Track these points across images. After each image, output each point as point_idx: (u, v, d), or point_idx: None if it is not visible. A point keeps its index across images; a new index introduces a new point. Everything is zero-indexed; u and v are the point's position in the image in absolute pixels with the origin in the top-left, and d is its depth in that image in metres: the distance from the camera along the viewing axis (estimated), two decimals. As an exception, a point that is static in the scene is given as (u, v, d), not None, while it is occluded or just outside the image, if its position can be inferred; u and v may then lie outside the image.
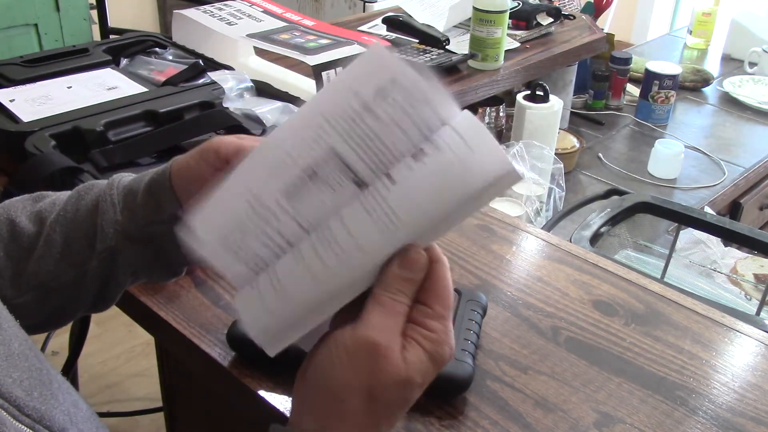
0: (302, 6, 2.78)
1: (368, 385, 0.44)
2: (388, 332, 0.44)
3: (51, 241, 0.60)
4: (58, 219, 0.60)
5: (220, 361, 0.68)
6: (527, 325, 0.75)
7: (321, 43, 1.12)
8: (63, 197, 0.63)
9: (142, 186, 0.60)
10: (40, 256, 0.60)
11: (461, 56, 1.44)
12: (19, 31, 2.31)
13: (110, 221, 0.60)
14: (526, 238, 0.90)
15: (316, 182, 0.46)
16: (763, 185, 1.72)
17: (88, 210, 0.60)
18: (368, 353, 0.44)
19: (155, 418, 1.81)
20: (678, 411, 0.65)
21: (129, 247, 0.60)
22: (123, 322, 2.15)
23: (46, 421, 0.44)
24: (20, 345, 0.46)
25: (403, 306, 0.45)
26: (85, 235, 0.60)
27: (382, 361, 0.44)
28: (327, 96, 0.48)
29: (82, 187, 0.63)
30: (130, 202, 0.60)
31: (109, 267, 0.60)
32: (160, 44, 1.24)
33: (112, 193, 0.60)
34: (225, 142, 0.56)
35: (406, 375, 0.44)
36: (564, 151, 1.58)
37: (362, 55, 0.47)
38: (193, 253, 0.50)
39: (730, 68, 2.19)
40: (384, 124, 0.45)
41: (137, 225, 0.59)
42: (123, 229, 0.59)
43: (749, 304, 1.19)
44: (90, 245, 0.60)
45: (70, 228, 0.60)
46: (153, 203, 0.59)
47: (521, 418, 0.64)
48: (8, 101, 1.00)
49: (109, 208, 0.60)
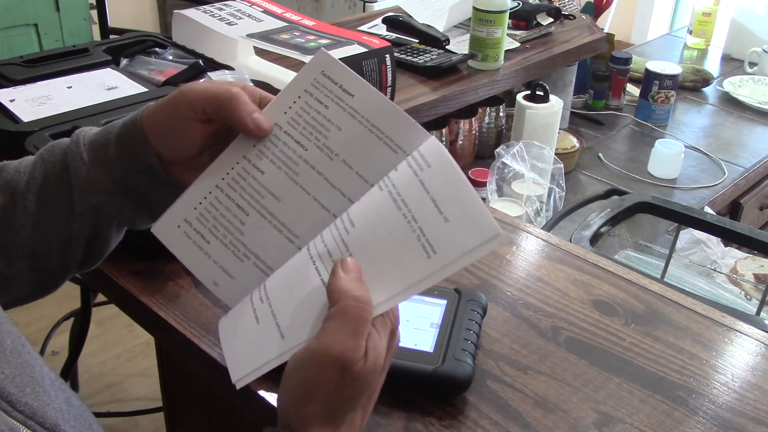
0: (302, 6, 2.78)
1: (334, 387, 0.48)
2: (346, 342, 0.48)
3: (27, 209, 0.59)
4: (29, 187, 0.60)
5: (220, 361, 0.68)
6: (527, 325, 0.75)
7: (321, 43, 1.12)
8: (26, 163, 0.62)
9: (113, 139, 0.59)
10: (20, 225, 0.59)
11: (461, 56, 1.44)
12: (19, 31, 2.31)
13: (85, 179, 0.59)
14: (526, 238, 0.90)
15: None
16: (763, 185, 1.72)
17: (58, 172, 0.60)
18: (331, 362, 0.47)
19: (155, 418, 1.81)
20: (678, 411, 0.65)
21: (109, 202, 0.60)
22: (123, 322, 2.15)
23: (39, 417, 0.44)
24: (13, 342, 0.47)
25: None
26: (61, 198, 0.59)
27: (344, 369, 0.47)
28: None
29: (44, 150, 0.62)
30: (102, 157, 0.59)
31: (94, 224, 0.60)
32: (160, 44, 1.24)
33: (79, 151, 0.60)
34: (196, 93, 0.57)
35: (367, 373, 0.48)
36: (564, 151, 1.58)
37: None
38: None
39: (730, 68, 2.19)
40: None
41: (114, 179, 0.59)
42: (100, 184, 0.59)
43: (749, 304, 1.19)
44: (69, 207, 0.59)
45: (43, 192, 0.59)
46: (127, 156, 0.59)
47: (521, 418, 0.64)
48: (8, 101, 1.00)
49: (80, 166, 0.59)
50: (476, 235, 0.48)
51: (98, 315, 2.05)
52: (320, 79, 0.56)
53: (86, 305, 1.69)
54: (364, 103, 0.55)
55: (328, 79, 0.56)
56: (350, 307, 0.48)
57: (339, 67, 0.56)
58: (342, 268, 0.49)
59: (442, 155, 0.51)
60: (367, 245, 0.51)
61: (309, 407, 0.48)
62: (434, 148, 0.52)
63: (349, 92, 0.55)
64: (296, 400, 0.49)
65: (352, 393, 0.49)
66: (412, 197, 0.50)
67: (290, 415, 0.49)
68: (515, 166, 1.31)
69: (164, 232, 0.60)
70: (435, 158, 0.51)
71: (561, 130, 1.59)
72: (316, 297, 0.51)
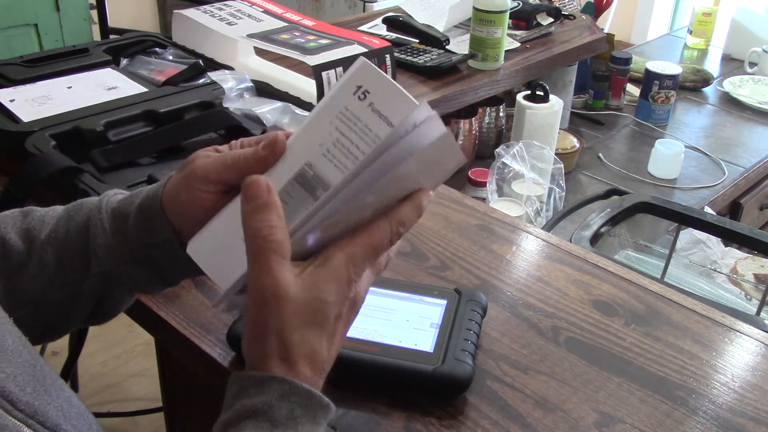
0: (302, 6, 2.78)
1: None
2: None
3: (44, 261, 0.59)
4: (49, 240, 0.60)
5: (220, 361, 0.68)
6: (527, 325, 0.75)
7: (321, 43, 1.12)
8: (52, 215, 0.62)
9: (133, 210, 0.59)
10: (33, 275, 0.59)
11: (461, 56, 1.44)
12: (19, 31, 2.31)
13: (102, 245, 0.59)
14: (526, 238, 0.90)
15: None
16: (763, 185, 1.72)
17: (80, 232, 0.60)
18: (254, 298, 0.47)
19: (155, 418, 1.81)
20: (678, 411, 0.65)
21: (123, 269, 0.59)
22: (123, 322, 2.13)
23: (40, 417, 0.44)
24: (14, 341, 0.47)
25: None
26: (78, 258, 0.59)
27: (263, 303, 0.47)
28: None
29: (71, 206, 0.62)
30: (121, 226, 0.59)
31: (105, 286, 0.60)
32: (160, 44, 1.24)
33: (102, 217, 0.60)
34: (209, 167, 0.55)
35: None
36: (564, 151, 1.58)
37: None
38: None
39: (730, 68, 2.19)
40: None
41: (130, 248, 0.59)
42: (116, 252, 0.59)
43: (749, 304, 1.19)
44: (84, 267, 0.59)
45: (63, 249, 0.60)
46: (145, 228, 0.58)
47: (521, 418, 0.64)
48: (8, 101, 1.00)
49: (100, 233, 0.59)
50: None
51: (98, 315, 2.05)
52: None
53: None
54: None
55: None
56: (254, 245, 0.47)
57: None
58: (244, 195, 0.48)
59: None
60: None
61: (263, 345, 0.48)
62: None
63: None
64: (250, 339, 0.49)
65: (295, 321, 0.48)
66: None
67: (250, 357, 0.49)
68: (515, 166, 1.31)
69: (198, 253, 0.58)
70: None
71: (561, 130, 1.59)
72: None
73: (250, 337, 0.48)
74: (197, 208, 0.55)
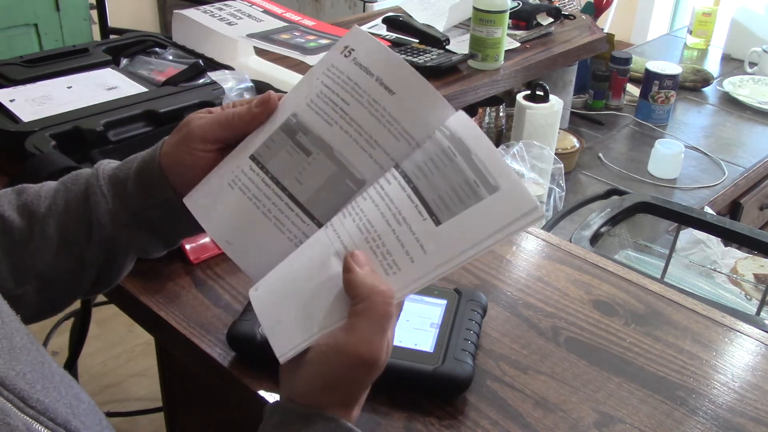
0: (302, 6, 2.78)
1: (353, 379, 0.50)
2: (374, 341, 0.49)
3: (46, 234, 0.60)
4: (50, 213, 0.61)
5: (220, 361, 0.68)
6: (527, 325, 0.75)
7: (321, 43, 1.12)
8: (47, 189, 0.63)
9: (132, 174, 0.61)
10: (36, 249, 0.60)
11: (461, 56, 1.44)
12: (19, 31, 2.31)
13: (104, 212, 0.60)
14: (526, 238, 0.90)
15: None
16: (763, 185, 1.72)
17: (80, 202, 0.61)
18: (360, 361, 0.49)
19: (155, 418, 1.81)
20: (678, 411, 0.65)
21: (125, 233, 0.61)
22: (123, 322, 2.15)
23: (50, 413, 0.45)
24: (22, 339, 0.47)
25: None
26: (80, 227, 0.61)
27: (371, 366, 0.49)
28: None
29: (67, 178, 0.63)
30: (120, 191, 0.61)
31: (107, 253, 0.62)
32: (160, 44, 1.24)
33: (100, 184, 0.61)
34: (206, 126, 0.58)
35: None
36: (564, 151, 1.58)
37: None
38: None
39: (730, 68, 2.19)
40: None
41: (131, 212, 0.61)
42: (117, 217, 0.61)
43: (749, 304, 1.19)
44: (87, 236, 0.61)
45: (64, 220, 0.61)
46: (144, 191, 0.60)
47: (521, 418, 0.64)
48: (8, 101, 1.00)
49: (101, 199, 0.61)
50: (513, 211, 0.48)
51: (98, 315, 2.05)
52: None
53: (86, 305, 1.69)
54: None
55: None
56: (378, 304, 0.48)
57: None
58: (354, 261, 0.50)
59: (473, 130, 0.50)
60: (384, 232, 0.50)
61: (332, 395, 0.50)
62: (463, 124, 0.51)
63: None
64: (319, 388, 0.50)
65: (370, 381, 0.51)
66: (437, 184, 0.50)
67: (308, 398, 0.50)
68: (515, 166, 1.31)
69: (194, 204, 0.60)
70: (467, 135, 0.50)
71: (561, 130, 1.59)
72: (334, 283, 0.51)
73: (322, 385, 0.49)
74: (196, 167, 0.58)
